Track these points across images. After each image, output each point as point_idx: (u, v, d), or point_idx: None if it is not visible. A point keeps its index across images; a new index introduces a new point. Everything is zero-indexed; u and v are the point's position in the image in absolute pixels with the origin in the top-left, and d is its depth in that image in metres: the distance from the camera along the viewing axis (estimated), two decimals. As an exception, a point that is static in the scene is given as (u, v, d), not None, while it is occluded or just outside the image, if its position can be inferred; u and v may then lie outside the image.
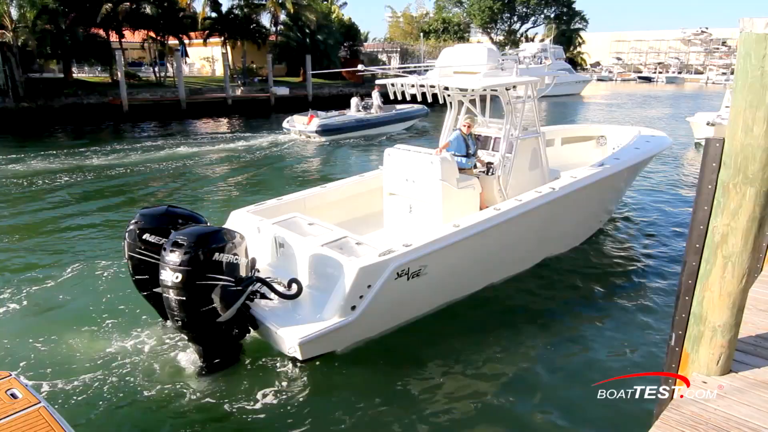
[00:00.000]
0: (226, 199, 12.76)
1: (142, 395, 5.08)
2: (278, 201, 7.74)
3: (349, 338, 5.66)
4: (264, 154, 18.86)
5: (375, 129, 22.28)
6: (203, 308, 4.97)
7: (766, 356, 3.77)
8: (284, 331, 5.37)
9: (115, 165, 16.38)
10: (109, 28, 30.52)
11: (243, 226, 6.75)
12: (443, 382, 5.47)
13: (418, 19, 68.02)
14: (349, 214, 8.34)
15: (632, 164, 9.27)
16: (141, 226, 5.59)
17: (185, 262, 4.80)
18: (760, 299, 4.70)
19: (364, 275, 5.53)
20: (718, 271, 3.31)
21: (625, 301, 7.33)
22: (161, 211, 5.76)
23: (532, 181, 8.29)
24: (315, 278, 6.04)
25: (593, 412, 4.90)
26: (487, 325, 6.54)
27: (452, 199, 7.41)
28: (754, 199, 3.12)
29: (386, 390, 5.29)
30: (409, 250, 5.90)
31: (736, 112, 3.10)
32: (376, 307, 5.64)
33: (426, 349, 5.98)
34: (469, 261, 6.66)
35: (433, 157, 7.41)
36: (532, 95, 8.27)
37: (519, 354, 6.05)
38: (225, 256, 4.98)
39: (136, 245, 5.55)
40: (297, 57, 38.39)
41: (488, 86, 7.58)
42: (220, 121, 29.25)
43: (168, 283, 4.87)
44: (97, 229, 10.17)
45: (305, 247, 6.13)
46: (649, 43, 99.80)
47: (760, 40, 2.95)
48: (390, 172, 8.00)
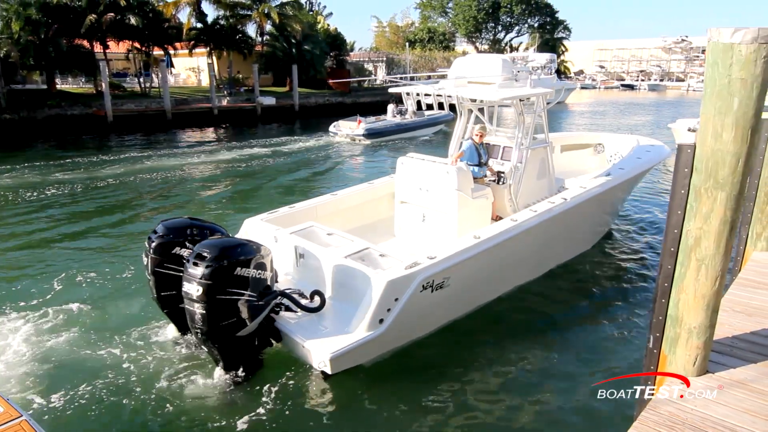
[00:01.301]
0: (266, 202, 12.77)
1: (148, 409, 5.00)
2: (290, 209, 7.70)
3: (376, 351, 5.58)
4: (321, 154, 21.32)
5: (410, 132, 25.53)
6: (223, 322, 4.90)
7: (741, 357, 3.86)
8: (312, 344, 5.25)
9: (103, 176, 16.21)
10: (93, 38, 30.35)
11: (258, 235, 6.69)
12: (464, 391, 5.47)
13: (404, 28, 68.63)
14: (359, 221, 8.31)
15: (636, 174, 9.47)
16: (169, 239, 5.45)
17: (206, 276, 4.72)
18: (737, 301, 4.80)
19: (392, 288, 5.45)
20: (693, 273, 3.39)
21: (630, 303, 7.50)
22: (185, 223, 5.64)
23: (540, 190, 8.40)
24: (339, 290, 5.95)
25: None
26: (500, 333, 6.60)
27: (467, 209, 7.43)
28: (725, 203, 3.21)
29: (408, 400, 5.25)
30: (434, 262, 5.85)
31: (706, 119, 3.20)
32: (402, 320, 5.56)
33: (443, 359, 5.96)
34: (488, 272, 6.68)
35: (449, 167, 7.41)
36: (543, 106, 8.36)
37: (534, 362, 6.07)
38: (247, 271, 4.91)
39: (163, 260, 5.40)
40: (283, 67, 38.45)
41: (506, 98, 7.60)
42: (207, 131, 29.16)
43: (191, 296, 4.81)
44: (89, 241, 10.06)
45: (328, 259, 6.05)
46: (630, 52, 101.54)
47: (727, 50, 3.06)
48: (403, 180, 7.96)
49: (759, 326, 4.32)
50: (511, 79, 8.01)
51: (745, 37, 2.99)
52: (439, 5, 65.33)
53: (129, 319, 6.62)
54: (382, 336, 5.42)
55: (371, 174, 15.38)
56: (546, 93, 8.24)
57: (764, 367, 3.73)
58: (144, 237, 5.85)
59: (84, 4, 28.07)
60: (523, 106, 8.05)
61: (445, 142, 9.74)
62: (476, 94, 7.72)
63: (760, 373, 3.65)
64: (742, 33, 3.00)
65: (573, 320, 7.13)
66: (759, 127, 3.17)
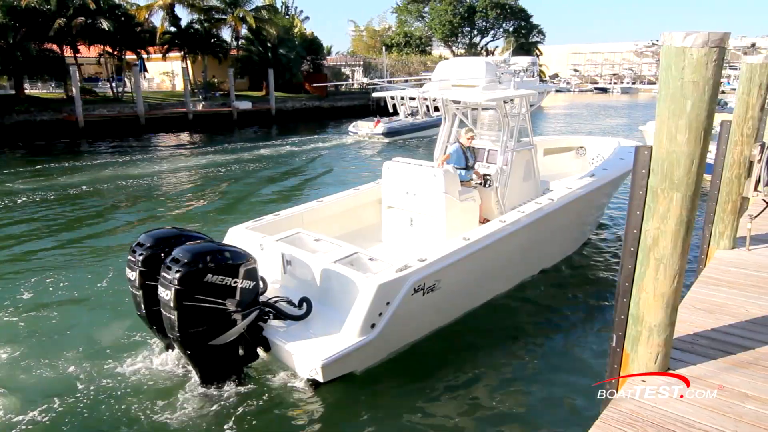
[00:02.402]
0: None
1: (123, 423, 4.83)
2: (276, 216, 7.56)
3: (368, 357, 5.45)
4: (343, 152, 23.10)
5: (423, 131, 27.40)
6: (192, 329, 4.71)
7: (702, 353, 3.94)
8: (302, 352, 5.10)
9: (75, 184, 15.77)
10: (63, 42, 29.72)
11: (243, 244, 6.49)
12: (455, 397, 5.38)
13: (381, 32, 68.82)
14: (346, 228, 8.21)
15: (621, 173, 9.59)
16: (159, 250, 5.10)
17: (175, 281, 4.55)
18: (699, 299, 4.91)
19: (384, 292, 5.35)
20: (652, 273, 3.45)
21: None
22: (173, 233, 5.34)
23: (526, 192, 8.43)
24: (329, 296, 5.83)
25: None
26: (491, 336, 6.56)
27: (454, 212, 7.40)
28: (680, 203, 3.28)
29: (401, 408, 5.13)
30: (425, 264, 5.79)
31: (661, 121, 3.26)
32: (394, 324, 5.46)
33: (435, 364, 5.86)
34: (479, 273, 6.66)
35: (436, 170, 7.38)
36: (527, 108, 8.40)
37: (527, 365, 6.03)
38: (221, 279, 4.69)
39: (153, 273, 4.97)
40: (259, 71, 38.26)
41: (490, 99, 7.56)
42: (182, 136, 28.76)
43: (163, 300, 4.67)
44: (60, 254, 9.66)
45: (316, 265, 5.94)
46: (604, 55, 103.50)
47: (679, 53, 3.12)
48: (389, 185, 7.90)
49: (720, 323, 4.42)
50: (495, 82, 8.00)
51: (696, 41, 3.06)
52: (416, 10, 65.62)
53: (110, 336, 6.31)
54: (374, 341, 5.31)
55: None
56: (529, 94, 8.24)
57: (724, 363, 3.82)
58: (120, 249, 5.57)
59: (53, 8, 27.48)
60: (508, 109, 8.07)
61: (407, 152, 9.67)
62: (460, 97, 7.71)
63: (719, 369, 3.73)
64: (694, 37, 3.07)
65: (558, 324, 7.07)
66: (711, 129, 3.25)
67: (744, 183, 6.09)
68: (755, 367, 3.76)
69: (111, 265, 8.55)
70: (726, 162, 6.03)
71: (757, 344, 4.06)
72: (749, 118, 5.92)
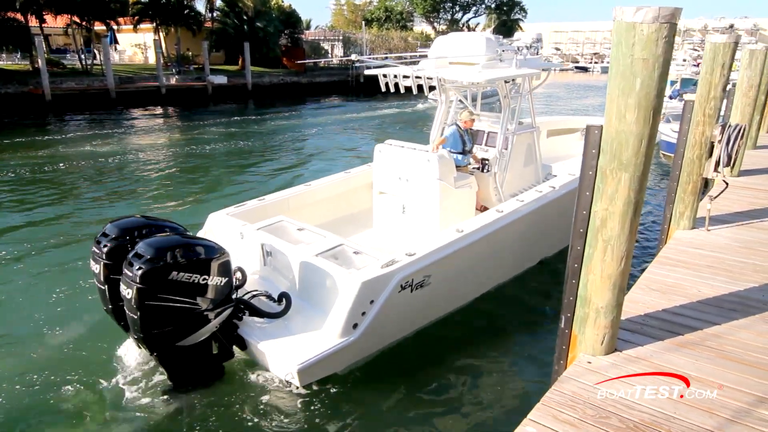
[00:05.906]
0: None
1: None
2: (260, 202, 7.13)
3: (351, 358, 5.07)
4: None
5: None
6: (156, 330, 4.35)
7: (650, 334, 3.95)
8: (279, 354, 4.74)
9: (38, 162, 15.03)
10: (28, 12, 28.54)
11: (223, 232, 6.19)
12: (442, 396, 5.13)
13: (362, 7, 67.48)
14: (335, 214, 7.83)
15: None
16: (124, 241, 4.69)
17: (137, 278, 4.16)
18: (654, 279, 4.93)
19: (367, 290, 4.95)
20: (599, 254, 3.41)
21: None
22: (139, 222, 4.93)
23: (526, 178, 8.04)
24: (310, 292, 5.44)
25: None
26: (482, 331, 6.26)
27: (449, 200, 6.98)
28: (628, 184, 3.22)
29: (386, 408, 4.93)
30: (413, 259, 5.37)
31: (611, 99, 3.18)
32: (378, 324, 5.08)
33: (421, 362, 5.58)
34: (472, 267, 6.24)
35: (430, 154, 6.93)
36: (530, 88, 8.00)
37: (518, 360, 5.81)
38: (186, 276, 4.31)
39: (118, 266, 4.54)
40: (235, 44, 37.22)
41: (491, 79, 7.05)
42: (154, 111, 28.03)
43: (125, 299, 4.33)
44: (22, 235, 9.18)
45: (297, 257, 5.53)
46: (585, 34, 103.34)
47: (630, 29, 3.03)
48: (381, 169, 7.45)
49: (671, 303, 4.44)
50: (496, 59, 7.52)
51: (646, 16, 2.97)
52: (397, -17, 64.51)
53: (78, 333, 5.97)
54: (356, 342, 4.92)
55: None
56: (533, 74, 7.80)
57: (670, 344, 3.83)
58: (87, 237, 5.16)
59: (16, -26, 26.32)
60: (509, 89, 7.65)
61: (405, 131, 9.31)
62: (458, 76, 7.21)
63: (663, 349, 3.75)
64: (644, 12, 2.97)
65: (540, 320, 6.71)
66: (661, 108, 3.18)
67: (705, 163, 6.10)
68: (700, 347, 3.78)
69: (75, 254, 7.96)
70: (688, 142, 6.01)
71: (705, 325, 4.08)
72: (711, 98, 5.89)
